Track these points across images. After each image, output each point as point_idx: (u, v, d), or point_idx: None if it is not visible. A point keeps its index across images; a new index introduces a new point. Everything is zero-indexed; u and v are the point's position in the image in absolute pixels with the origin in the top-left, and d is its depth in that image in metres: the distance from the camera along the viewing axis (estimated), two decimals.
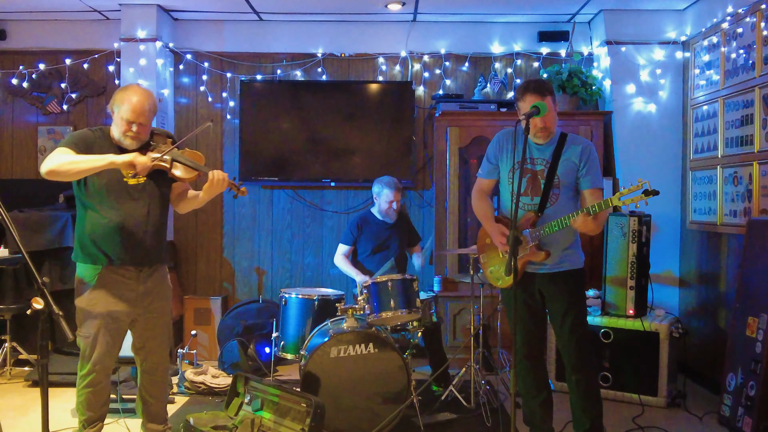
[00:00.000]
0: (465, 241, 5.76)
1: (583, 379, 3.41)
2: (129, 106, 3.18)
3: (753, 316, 3.96)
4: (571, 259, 3.41)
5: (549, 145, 3.40)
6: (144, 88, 3.34)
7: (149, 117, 3.27)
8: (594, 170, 3.37)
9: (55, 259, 5.18)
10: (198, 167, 3.34)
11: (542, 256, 3.33)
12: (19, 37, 5.95)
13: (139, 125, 3.22)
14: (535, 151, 3.42)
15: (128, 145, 3.25)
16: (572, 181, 3.38)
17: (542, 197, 3.36)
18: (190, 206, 3.54)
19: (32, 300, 2.26)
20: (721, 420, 4.08)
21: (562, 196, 3.37)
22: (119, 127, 3.23)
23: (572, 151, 3.36)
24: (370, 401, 3.80)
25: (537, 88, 3.32)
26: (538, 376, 3.54)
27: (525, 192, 3.41)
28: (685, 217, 5.33)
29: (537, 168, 3.40)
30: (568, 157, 3.36)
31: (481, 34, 5.94)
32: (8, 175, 5.97)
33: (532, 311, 3.48)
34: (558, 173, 3.35)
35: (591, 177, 3.36)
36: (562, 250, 3.37)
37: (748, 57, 4.45)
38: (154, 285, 3.39)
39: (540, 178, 3.37)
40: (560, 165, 3.35)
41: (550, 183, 3.35)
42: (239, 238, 6.07)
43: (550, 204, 3.36)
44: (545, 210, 3.35)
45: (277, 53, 5.98)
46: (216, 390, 4.68)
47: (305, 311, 4.31)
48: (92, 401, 3.29)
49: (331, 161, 5.83)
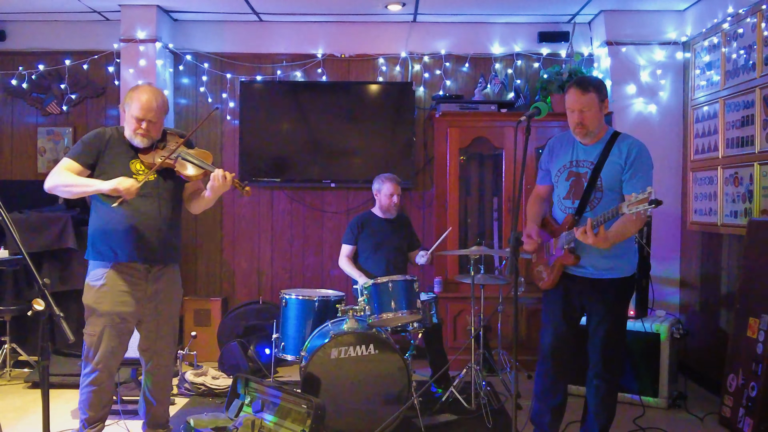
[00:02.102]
0: (465, 242, 5.76)
1: (603, 386, 3.36)
2: (138, 103, 3.24)
3: (754, 316, 3.96)
4: (615, 267, 3.27)
5: (596, 146, 3.29)
6: (154, 87, 3.38)
7: (159, 115, 3.30)
8: (640, 173, 3.16)
9: (54, 261, 5.18)
10: (205, 166, 3.37)
11: (572, 260, 3.25)
12: (19, 37, 5.95)
13: (149, 123, 3.26)
14: (581, 153, 3.32)
15: (138, 143, 3.30)
16: (617, 184, 3.21)
17: (581, 200, 3.25)
18: (201, 206, 3.57)
19: (33, 301, 2.27)
20: (722, 421, 4.08)
21: (605, 200, 3.21)
22: (129, 126, 3.29)
23: (619, 151, 3.22)
24: (370, 402, 3.80)
25: (579, 82, 3.24)
26: (557, 379, 3.44)
27: (567, 195, 3.33)
28: (686, 217, 5.33)
29: (581, 170, 3.29)
30: (613, 158, 3.21)
31: (481, 35, 5.94)
32: (8, 176, 5.97)
33: (567, 313, 3.40)
34: (602, 175, 3.22)
35: (635, 181, 3.13)
36: (606, 256, 3.22)
37: (748, 58, 4.44)
38: (165, 286, 3.41)
39: (584, 180, 3.27)
40: (605, 166, 3.22)
41: (591, 186, 3.23)
42: (239, 239, 6.06)
43: (590, 208, 3.24)
44: (584, 214, 3.23)
45: (277, 54, 5.98)
46: (216, 391, 4.67)
47: (305, 312, 4.30)
48: (94, 401, 3.29)
49: (331, 162, 5.82)
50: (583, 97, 3.20)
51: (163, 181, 3.36)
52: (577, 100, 3.21)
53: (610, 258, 3.24)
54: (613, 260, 3.25)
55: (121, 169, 3.27)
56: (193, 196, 3.58)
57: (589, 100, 3.19)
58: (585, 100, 3.19)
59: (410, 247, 5.00)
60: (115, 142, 3.33)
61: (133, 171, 3.30)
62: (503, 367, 4.95)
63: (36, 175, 5.89)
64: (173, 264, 3.48)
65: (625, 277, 3.32)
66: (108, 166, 3.28)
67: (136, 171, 3.30)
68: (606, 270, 3.27)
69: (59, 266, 5.19)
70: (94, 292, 3.27)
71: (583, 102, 3.20)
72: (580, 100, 3.20)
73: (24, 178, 5.94)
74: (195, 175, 3.38)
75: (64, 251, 5.15)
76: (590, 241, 3.01)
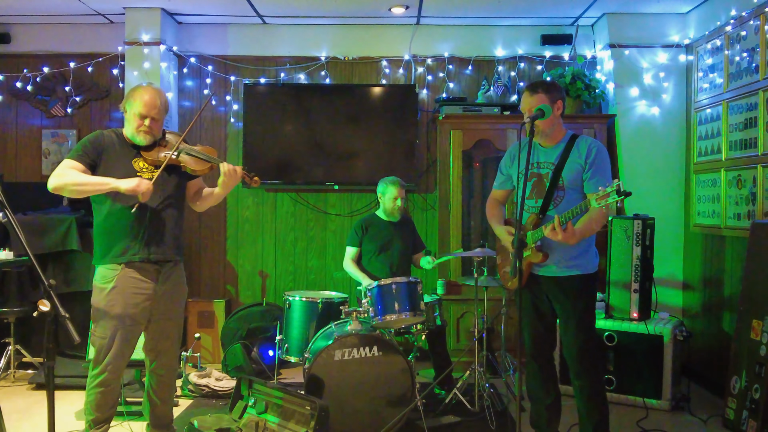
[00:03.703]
0: (468, 244, 5.76)
1: (586, 385, 3.38)
2: (141, 101, 3.27)
3: (757, 318, 3.96)
4: (578, 264, 3.33)
5: (556, 148, 3.37)
6: (156, 86, 3.40)
7: (161, 112, 3.34)
8: (600, 172, 3.24)
9: (59, 262, 5.19)
10: (210, 159, 3.42)
11: (540, 257, 3.30)
12: (24, 40, 5.97)
13: (152, 120, 3.30)
14: (542, 155, 3.40)
15: (141, 141, 3.32)
16: (578, 183, 3.30)
17: (544, 199, 3.34)
18: (206, 203, 3.61)
19: (39, 302, 2.27)
20: (726, 423, 4.07)
21: (567, 198, 3.31)
22: (132, 124, 3.30)
23: (578, 151, 3.30)
24: (374, 404, 3.80)
25: (529, 85, 3.37)
26: (545, 378, 3.51)
27: (530, 195, 3.39)
28: (689, 220, 5.33)
29: (542, 171, 3.38)
30: (574, 158, 3.30)
31: (484, 38, 5.95)
32: (12, 178, 5.98)
33: (540, 313, 3.46)
34: (563, 175, 3.31)
35: (596, 180, 3.22)
36: (568, 253, 3.30)
37: (751, 60, 4.45)
38: (173, 286, 3.43)
39: (545, 180, 3.35)
40: (566, 167, 3.30)
41: (553, 185, 3.32)
42: (243, 241, 6.07)
43: (554, 206, 3.32)
44: (548, 212, 3.32)
45: (280, 56, 5.99)
46: (220, 393, 4.68)
47: (309, 314, 4.31)
48: (101, 402, 3.30)
49: (335, 164, 5.83)
50: (531, 98, 3.29)
51: (168, 178, 3.39)
52: (526, 102, 3.31)
53: (573, 254, 3.31)
54: (574, 256, 3.32)
55: (124, 168, 3.29)
56: (197, 194, 3.62)
57: (537, 101, 3.27)
58: (533, 101, 3.28)
59: (414, 249, 5.01)
60: (114, 142, 3.34)
61: (137, 169, 3.31)
62: (506, 369, 4.95)
63: (40, 177, 5.91)
64: (180, 262, 3.50)
65: (587, 274, 3.37)
66: (110, 166, 3.28)
67: (140, 169, 3.32)
68: (569, 267, 3.32)
69: (63, 268, 5.21)
70: (105, 295, 3.26)
71: (531, 103, 3.28)
72: (528, 101, 3.31)
73: (28, 180, 5.95)
74: (201, 170, 3.41)
75: (68, 253, 5.16)
76: (559, 237, 3.06)
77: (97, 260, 3.33)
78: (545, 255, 3.30)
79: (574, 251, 3.31)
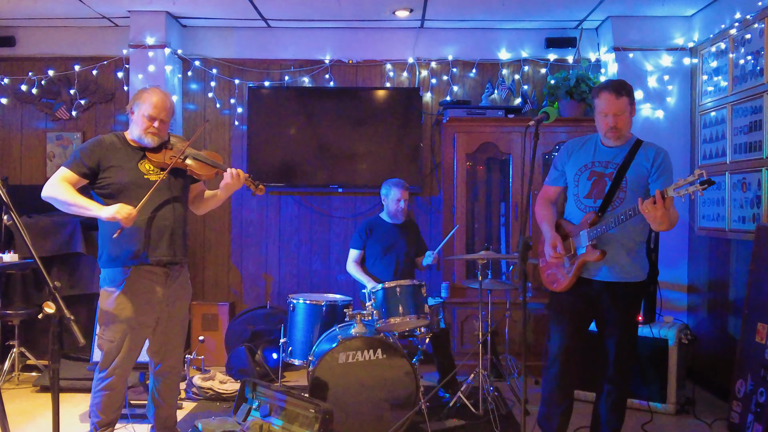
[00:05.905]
0: (473, 246, 5.76)
1: (615, 392, 3.36)
2: (151, 103, 3.30)
3: (762, 322, 3.95)
4: (631, 270, 3.27)
5: (621, 149, 3.31)
6: (163, 89, 3.43)
7: (169, 115, 3.38)
8: (668, 174, 3.22)
9: (63, 265, 5.20)
10: (216, 164, 3.46)
11: (597, 255, 3.22)
12: (29, 43, 5.99)
13: (160, 122, 3.33)
14: (603, 154, 3.34)
15: (149, 142, 3.33)
16: (641, 186, 3.24)
17: (605, 198, 3.26)
18: (207, 206, 3.64)
19: (44, 304, 2.27)
20: (731, 427, 4.06)
21: (627, 201, 3.22)
22: (140, 125, 3.32)
23: (645, 155, 3.25)
24: (378, 407, 3.80)
25: (613, 86, 3.26)
26: (564, 384, 3.43)
27: (588, 194, 3.33)
28: (694, 223, 5.32)
29: (605, 171, 3.30)
30: (640, 161, 3.25)
31: (488, 41, 5.95)
32: (17, 180, 5.99)
33: (577, 318, 3.39)
34: (627, 176, 3.24)
35: (664, 179, 3.18)
36: (623, 256, 3.25)
37: (756, 63, 4.44)
38: (179, 289, 3.44)
39: (607, 180, 3.28)
40: (631, 168, 3.24)
41: (616, 185, 3.25)
42: (247, 244, 6.08)
43: (612, 208, 3.24)
44: (606, 213, 3.25)
45: (285, 60, 6.01)
46: (224, 396, 4.68)
47: (313, 317, 4.31)
48: (107, 405, 3.31)
49: (339, 167, 5.84)
50: (618, 101, 3.23)
51: (174, 180, 3.40)
52: (613, 104, 3.23)
53: (626, 258, 3.25)
54: (628, 261, 3.25)
55: (130, 170, 3.30)
56: (198, 197, 3.65)
57: (622, 104, 3.23)
58: (619, 104, 3.23)
59: (418, 252, 5.01)
60: (117, 146, 3.35)
61: (144, 171, 3.33)
62: (511, 372, 4.94)
63: (45, 179, 5.75)
64: (186, 264, 3.51)
65: (640, 281, 3.32)
66: (116, 169, 3.29)
67: (147, 171, 3.33)
68: (621, 273, 3.26)
69: (68, 270, 5.22)
70: (114, 299, 3.26)
71: (618, 106, 3.23)
72: (616, 104, 3.23)
73: (33, 182, 5.95)
74: (207, 174, 3.45)
75: (72, 255, 5.17)
76: (659, 212, 2.91)
77: (103, 263, 3.33)
78: (603, 252, 3.22)
79: (628, 253, 3.25)
